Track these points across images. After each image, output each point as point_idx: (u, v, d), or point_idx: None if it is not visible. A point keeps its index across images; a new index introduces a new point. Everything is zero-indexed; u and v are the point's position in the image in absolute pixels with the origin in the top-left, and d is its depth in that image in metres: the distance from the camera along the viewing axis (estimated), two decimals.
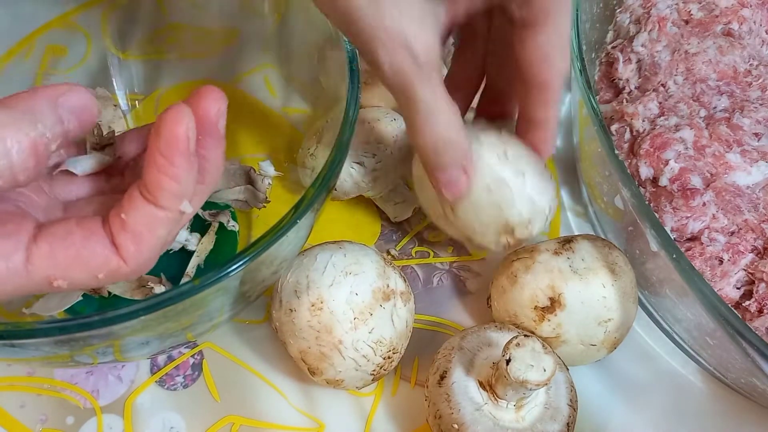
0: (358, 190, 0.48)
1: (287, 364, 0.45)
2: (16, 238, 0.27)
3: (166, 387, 0.44)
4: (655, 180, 0.47)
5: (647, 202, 0.43)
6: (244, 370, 0.45)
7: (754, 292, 0.44)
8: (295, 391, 0.45)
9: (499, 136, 0.38)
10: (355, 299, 0.39)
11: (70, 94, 0.28)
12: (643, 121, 0.50)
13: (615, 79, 0.53)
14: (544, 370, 0.35)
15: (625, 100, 0.52)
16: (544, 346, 0.36)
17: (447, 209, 0.40)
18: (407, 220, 0.52)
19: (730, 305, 0.41)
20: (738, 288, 0.45)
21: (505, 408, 0.38)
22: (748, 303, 0.44)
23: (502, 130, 0.39)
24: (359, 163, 0.46)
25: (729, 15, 0.53)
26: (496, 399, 0.38)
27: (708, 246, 0.45)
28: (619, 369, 0.47)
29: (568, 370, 0.41)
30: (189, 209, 0.29)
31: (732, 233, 0.45)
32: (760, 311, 0.43)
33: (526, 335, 0.36)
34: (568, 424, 0.39)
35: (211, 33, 0.55)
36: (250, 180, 0.46)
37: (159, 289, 0.44)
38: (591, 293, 0.41)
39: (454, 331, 0.48)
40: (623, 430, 0.45)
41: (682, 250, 0.43)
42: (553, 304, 0.41)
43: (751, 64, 0.52)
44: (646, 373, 0.47)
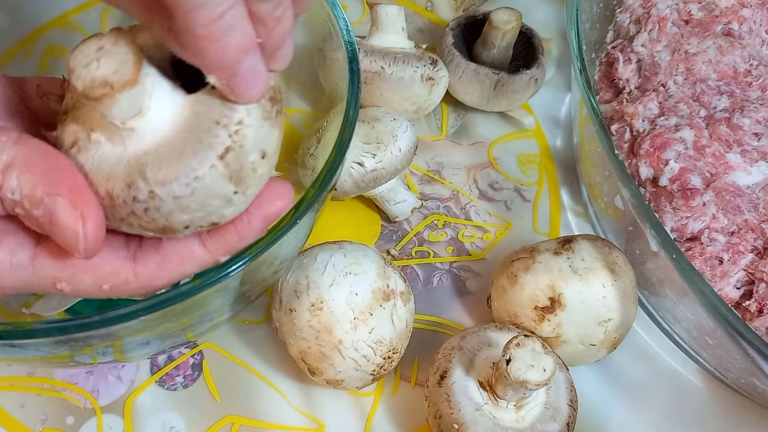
0: (358, 190, 0.48)
1: (287, 364, 0.45)
2: (24, 234, 0.27)
3: (166, 387, 0.44)
4: (655, 180, 0.47)
5: (647, 202, 0.43)
6: (244, 370, 0.45)
7: (754, 292, 0.44)
8: (295, 391, 0.45)
9: None
10: (355, 299, 0.39)
11: None
12: (643, 121, 0.50)
13: (615, 79, 0.53)
14: (544, 370, 0.35)
15: (625, 100, 0.52)
16: (544, 346, 0.36)
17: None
18: (407, 220, 0.52)
19: (730, 305, 0.41)
20: (738, 288, 0.45)
21: (505, 408, 0.38)
22: (748, 303, 0.44)
23: None
24: (359, 163, 0.46)
25: (729, 15, 0.53)
26: (496, 399, 0.38)
27: (708, 246, 0.45)
28: (619, 369, 0.47)
29: (568, 370, 0.41)
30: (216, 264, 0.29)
31: (732, 233, 0.45)
32: (760, 311, 0.43)
33: (526, 335, 0.37)
34: (568, 424, 0.39)
35: None
36: None
37: None
38: (591, 293, 0.41)
39: (454, 331, 0.48)
40: (623, 430, 0.45)
41: (682, 250, 0.43)
42: (553, 304, 0.41)
43: (751, 64, 0.52)
44: (646, 373, 0.47)
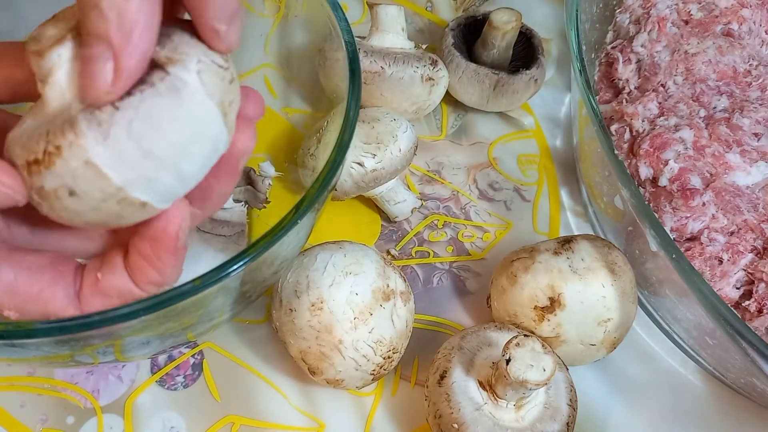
0: (358, 190, 0.48)
1: (287, 364, 0.45)
2: None
3: (166, 387, 0.44)
4: (654, 180, 0.47)
5: (647, 202, 0.43)
6: (244, 369, 0.45)
7: (754, 292, 0.44)
8: (295, 391, 0.45)
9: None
10: (355, 299, 0.39)
11: None
12: (643, 121, 0.50)
13: (615, 80, 0.53)
14: (544, 370, 0.36)
15: (624, 101, 0.52)
16: (543, 345, 0.36)
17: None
18: (407, 220, 0.52)
19: (729, 305, 0.41)
20: (737, 288, 0.45)
21: (505, 408, 0.38)
22: (747, 303, 0.44)
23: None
24: (359, 163, 0.46)
25: (729, 15, 0.53)
26: (495, 399, 0.38)
27: (707, 246, 0.45)
28: (619, 369, 0.47)
29: (567, 369, 0.41)
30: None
31: (731, 233, 0.45)
32: (760, 311, 0.43)
33: (525, 335, 0.37)
34: (567, 423, 0.39)
35: None
36: (250, 181, 0.46)
37: None
38: (591, 293, 0.41)
39: (454, 331, 0.48)
40: (623, 429, 0.45)
41: (682, 250, 0.43)
42: (553, 304, 0.41)
43: (750, 65, 0.52)
44: (645, 373, 0.47)
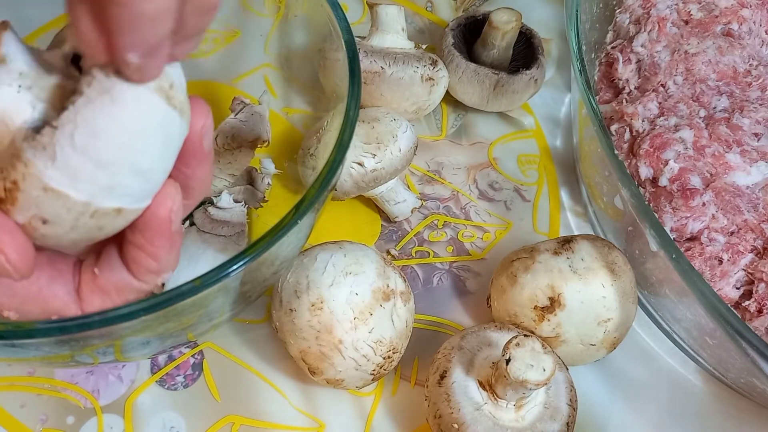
0: (358, 190, 0.48)
1: (287, 364, 0.45)
2: None
3: (166, 387, 0.44)
4: (654, 180, 0.47)
5: (647, 202, 0.43)
6: (244, 369, 0.45)
7: (754, 292, 0.44)
8: (295, 391, 0.45)
9: None
10: (355, 299, 0.39)
11: None
12: (643, 121, 0.50)
13: (615, 80, 0.53)
14: (544, 370, 0.36)
15: (624, 101, 0.52)
16: (543, 345, 0.36)
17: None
18: (407, 220, 0.52)
19: (729, 305, 0.41)
20: (737, 288, 0.45)
21: (505, 408, 0.38)
22: (747, 303, 0.44)
23: None
24: (359, 163, 0.46)
25: (729, 15, 0.53)
26: (495, 399, 0.38)
27: (707, 246, 0.45)
28: (619, 369, 0.47)
29: (567, 369, 0.41)
30: (167, 280, 0.28)
31: (731, 233, 0.45)
32: (760, 311, 0.43)
33: (525, 335, 0.37)
34: (567, 423, 0.39)
35: (211, 33, 0.55)
36: (251, 179, 0.46)
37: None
38: (591, 293, 0.41)
39: (454, 331, 0.48)
40: (623, 429, 0.45)
41: (682, 250, 0.43)
42: (553, 304, 0.41)
43: (750, 65, 0.52)
44: (645, 373, 0.47)
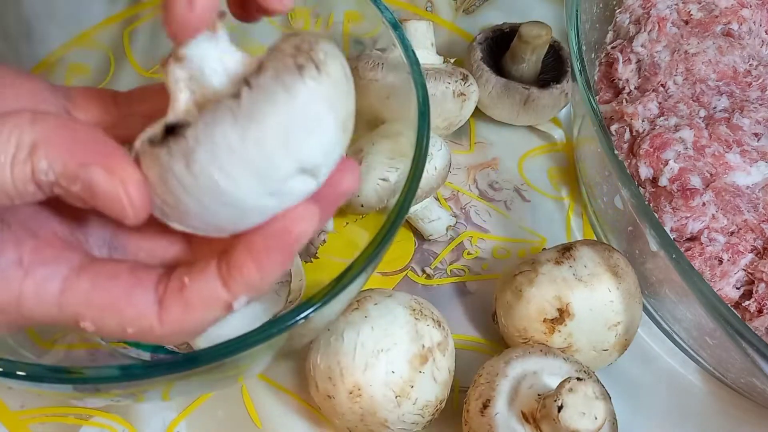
0: (382, 205, 0.47)
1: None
2: (54, 267, 0.26)
3: None
4: (654, 180, 0.47)
5: (647, 203, 0.43)
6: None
7: (754, 292, 0.44)
8: None
9: None
10: (393, 378, 0.38)
11: None
12: (643, 121, 0.50)
13: (615, 80, 0.53)
14: (596, 418, 0.35)
15: (624, 101, 0.52)
16: (595, 391, 0.35)
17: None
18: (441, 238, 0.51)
19: (729, 305, 0.41)
20: (737, 288, 0.45)
21: None
22: (747, 303, 0.44)
23: None
24: (384, 179, 0.45)
25: (729, 15, 0.53)
26: None
27: (707, 246, 0.45)
28: (619, 369, 0.47)
29: (610, 399, 0.39)
30: (242, 306, 0.27)
31: (731, 233, 0.45)
32: (760, 311, 0.43)
33: (579, 378, 0.35)
34: None
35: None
36: None
37: None
38: (598, 299, 0.41)
39: (455, 332, 0.47)
40: (623, 430, 0.45)
41: (682, 250, 0.43)
42: (562, 315, 0.41)
43: (750, 65, 0.52)
44: (646, 373, 0.47)
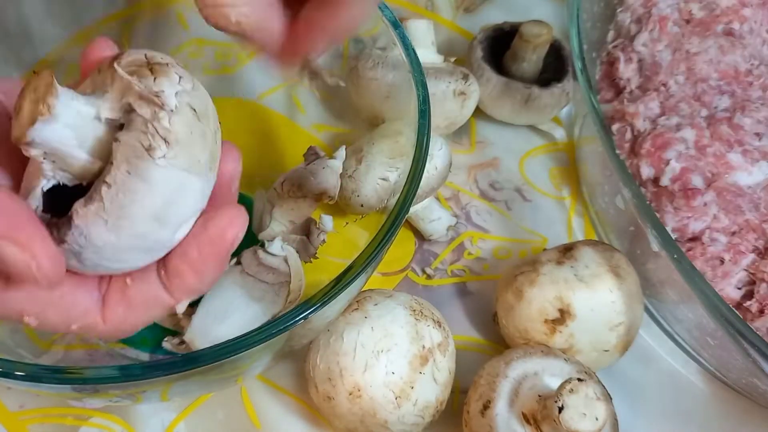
0: (381, 205, 0.47)
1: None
2: None
3: None
4: (656, 180, 0.47)
5: (648, 202, 0.43)
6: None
7: (755, 292, 0.44)
8: None
9: None
10: (393, 378, 0.38)
11: None
12: (644, 120, 0.50)
13: (616, 79, 0.53)
14: (597, 419, 0.35)
15: (626, 100, 0.51)
16: (596, 392, 0.35)
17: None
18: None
19: (731, 305, 0.41)
20: (739, 288, 0.45)
21: None
22: (749, 303, 0.44)
23: None
24: (384, 179, 0.45)
25: (730, 14, 0.53)
26: None
27: (709, 246, 0.45)
28: (620, 370, 0.47)
29: (611, 400, 0.39)
30: (184, 308, 0.27)
31: (733, 233, 0.45)
32: (761, 311, 0.43)
33: (580, 379, 0.35)
34: None
35: (235, 48, 0.54)
36: (308, 231, 0.44)
37: (185, 321, 0.40)
38: (599, 299, 0.41)
39: (455, 332, 0.47)
40: (624, 430, 0.45)
41: (683, 250, 0.43)
42: (564, 315, 0.41)
43: (752, 64, 0.52)
44: (646, 373, 0.47)
